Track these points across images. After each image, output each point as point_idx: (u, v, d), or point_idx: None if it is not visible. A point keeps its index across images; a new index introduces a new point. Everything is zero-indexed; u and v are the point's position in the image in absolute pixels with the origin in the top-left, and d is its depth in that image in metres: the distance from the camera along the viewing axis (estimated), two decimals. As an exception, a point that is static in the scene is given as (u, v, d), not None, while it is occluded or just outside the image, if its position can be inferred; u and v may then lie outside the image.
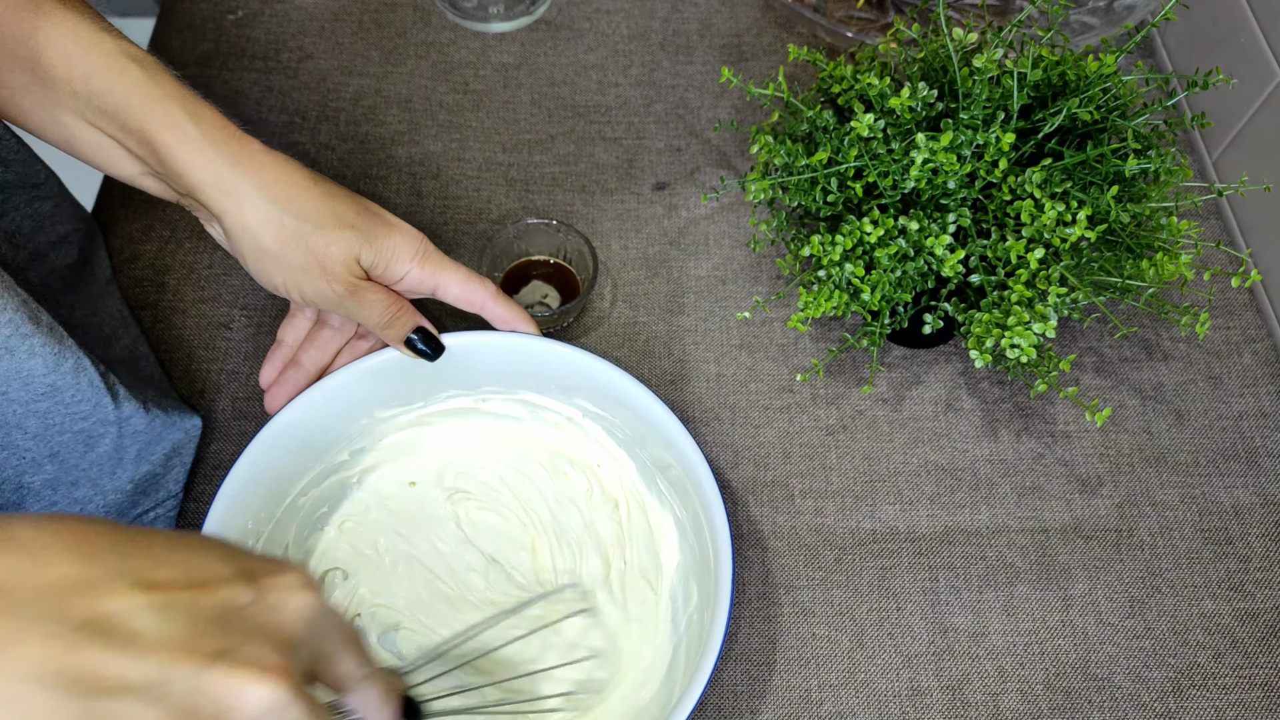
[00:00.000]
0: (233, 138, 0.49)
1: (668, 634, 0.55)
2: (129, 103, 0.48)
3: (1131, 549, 0.59)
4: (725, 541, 0.50)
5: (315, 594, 0.33)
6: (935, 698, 0.55)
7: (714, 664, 0.47)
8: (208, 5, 0.80)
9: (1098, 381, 0.64)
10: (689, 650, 0.52)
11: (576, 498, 0.59)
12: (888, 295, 0.55)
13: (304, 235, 0.50)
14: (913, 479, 0.61)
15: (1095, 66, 0.54)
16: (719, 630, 0.48)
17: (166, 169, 0.49)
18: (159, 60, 0.50)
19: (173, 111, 0.48)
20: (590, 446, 0.60)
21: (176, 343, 0.65)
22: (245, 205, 0.49)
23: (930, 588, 0.58)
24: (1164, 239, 0.54)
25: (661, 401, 0.54)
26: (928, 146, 0.52)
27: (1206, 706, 0.55)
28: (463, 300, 0.55)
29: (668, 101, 0.76)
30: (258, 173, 0.49)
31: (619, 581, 0.57)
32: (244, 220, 0.49)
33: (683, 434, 0.53)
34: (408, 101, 0.76)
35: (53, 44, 0.48)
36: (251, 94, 0.76)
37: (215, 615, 0.30)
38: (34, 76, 0.48)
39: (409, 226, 0.54)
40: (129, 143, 0.49)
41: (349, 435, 0.57)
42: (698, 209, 0.71)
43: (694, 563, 0.54)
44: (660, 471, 0.57)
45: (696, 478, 0.52)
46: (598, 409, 0.57)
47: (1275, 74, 0.64)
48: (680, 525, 0.56)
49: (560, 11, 0.80)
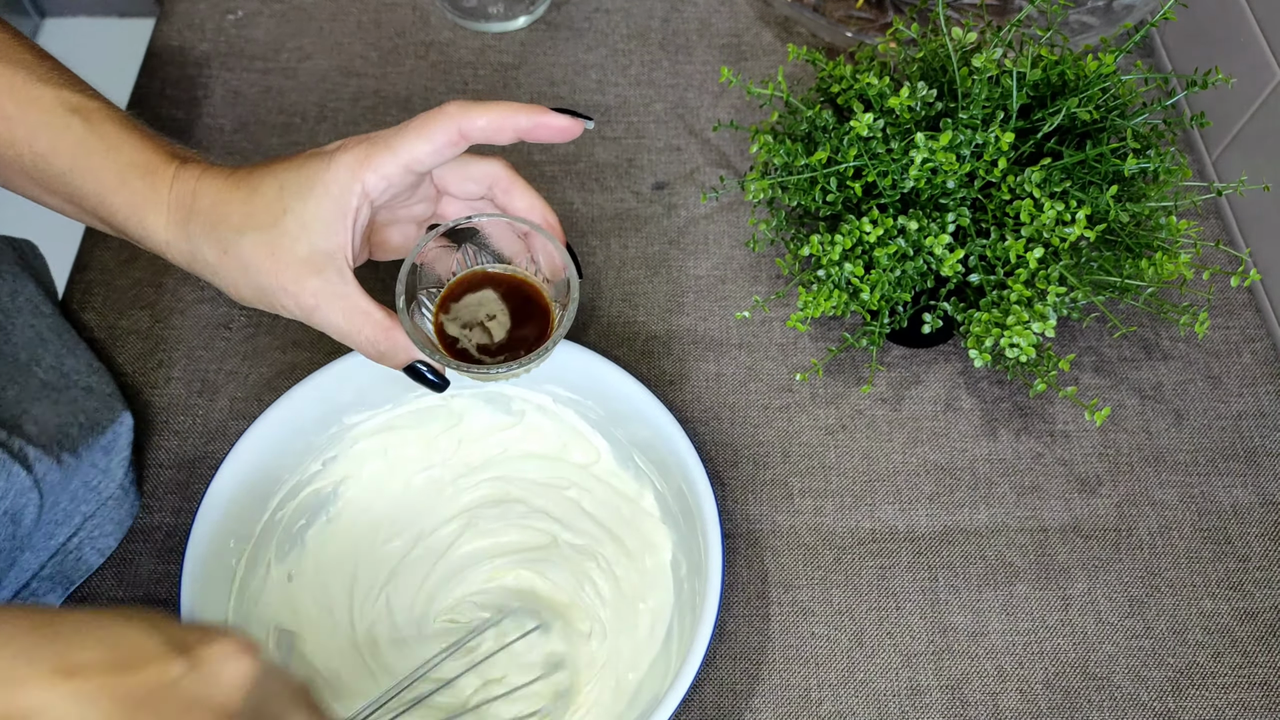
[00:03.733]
0: (185, 170, 0.45)
1: (667, 603, 0.55)
2: (75, 164, 0.45)
3: (1130, 548, 0.59)
4: (711, 512, 0.51)
5: (252, 658, 0.32)
6: (934, 697, 0.55)
7: (710, 633, 0.48)
8: (208, 5, 0.80)
9: (1097, 381, 0.64)
10: (682, 623, 0.52)
11: (554, 484, 0.59)
12: (887, 295, 0.55)
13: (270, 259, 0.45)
14: (912, 478, 0.61)
15: (1094, 66, 0.54)
16: (712, 598, 0.49)
17: (129, 236, 0.46)
18: (101, 96, 0.46)
19: (120, 166, 0.45)
20: (563, 432, 0.60)
21: (176, 342, 0.65)
22: (212, 268, 0.46)
23: (929, 587, 0.58)
24: (1163, 238, 0.54)
25: (634, 378, 0.54)
26: (927, 146, 0.52)
27: (1206, 706, 0.55)
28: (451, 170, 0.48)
29: (667, 101, 0.76)
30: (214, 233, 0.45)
31: (605, 562, 0.57)
32: (225, 280, 0.46)
33: (658, 407, 0.54)
34: (407, 101, 0.76)
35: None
36: (251, 94, 0.76)
37: (145, 695, 0.29)
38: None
39: (335, 151, 0.45)
40: (84, 214, 0.46)
41: (319, 445, 0.57)
42: (697, 208, 0.71)
43: (680, 538, 0.55)
44: (639, 450, 0.57)
45: (677, 451, 0.53)
46: (569, 393, 0.57)
47: (1275, 74, 0.64)
48: (661, 498, 0.57)
49: (559, 11, 0.80)
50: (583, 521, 0.58)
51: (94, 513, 0.56)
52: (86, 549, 0.56)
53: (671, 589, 0.55)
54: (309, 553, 0.57)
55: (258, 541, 0.55)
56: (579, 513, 0.59)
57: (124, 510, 0.58)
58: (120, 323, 0.66)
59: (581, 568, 0.57)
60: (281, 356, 0.65)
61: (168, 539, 0.59)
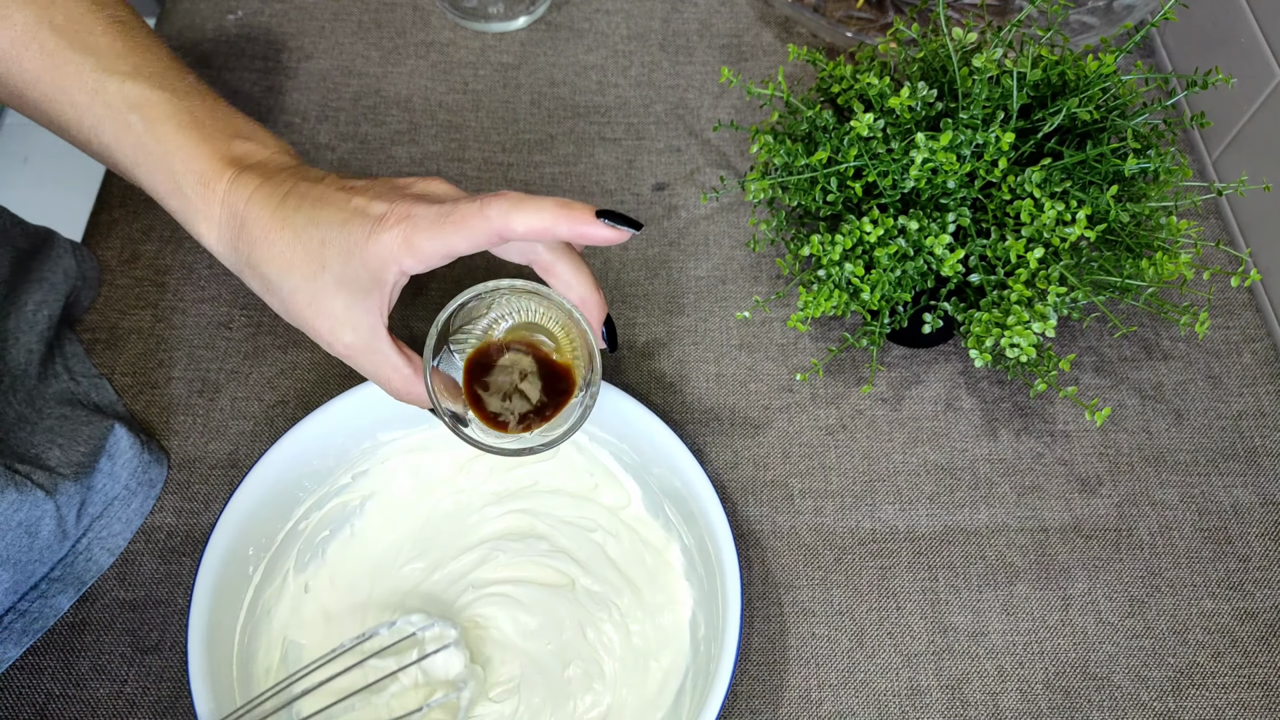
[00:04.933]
0: (237, 185, 0.46)
1: (681, 664, 0.54)
2: (136, 161, 0.46)
3: (1131, 548, 0.59)
4: (733, 576, 0.50)
5: None
6: (935, 697, 0.55)
7: (723, 699, 0.47)
8: (208, 5, 0.80)
9: (1097, 381, 0.64)
10: (695, 685, 0.51)
11: (580, 525, 0.58)
12: (887, 295, 0.55)
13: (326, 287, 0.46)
14: (912, 478, 0.61)
15: (1095, 66, 0.54)
16: (727, 663, 0.48)
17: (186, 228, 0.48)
18: (171, 83, 0.47)
19: (174, 171, 0.46)
20: (596, 471, 0.59)
21: (176, 343, 0.65)
22: (257, 291, 0.47)
23: (930, 587, 0.58)
24: (1163, 238, 0.54)
25: (668, 427, 0.54)
26: (927, 146, 0.52)
27: (1206, 706, 0.55)
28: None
29: (667, 102, 0.76)
30: (259, 267, 0.46)
31: (619, 613, 0.56)
32: (268, 302, 0.47)
33: (689, 459, 0.53)
34: (408, 101, 0.76)
35: (64, 94, 0.46)
36: (251, 94, 0.76)
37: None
38: (56, 124, 0.47)
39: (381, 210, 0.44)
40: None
41: (351, 458, 0.57)
42: (697, 209, 0.71)
43: (702, 597, 0.54)
44: (669, 499, 0.56)
45: (705, 510, 0.52)
46: (605, 434, 0.57)
47: (1275, 74, 0.64)
48: (688, 553, 0.56)
49: (560, 11, 0.80)
50: (604, 568, 0.57)
51: (100, 514, 0.57)
52: (96, 549, 0.57)
53: (688, 649, 0.54)
54: (328, 565, 0.57)
55: (278, 550, 0.55)
56: (602, 558, 0.57)
57: (131, 509, 0.58)
58: (121, 322, 0.66)
59: (593, 616, 0.56)
60: (282, 356, 0.65)
61: (169, 539, 0.59)
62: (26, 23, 0.45)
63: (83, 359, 0.63)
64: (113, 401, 0.62)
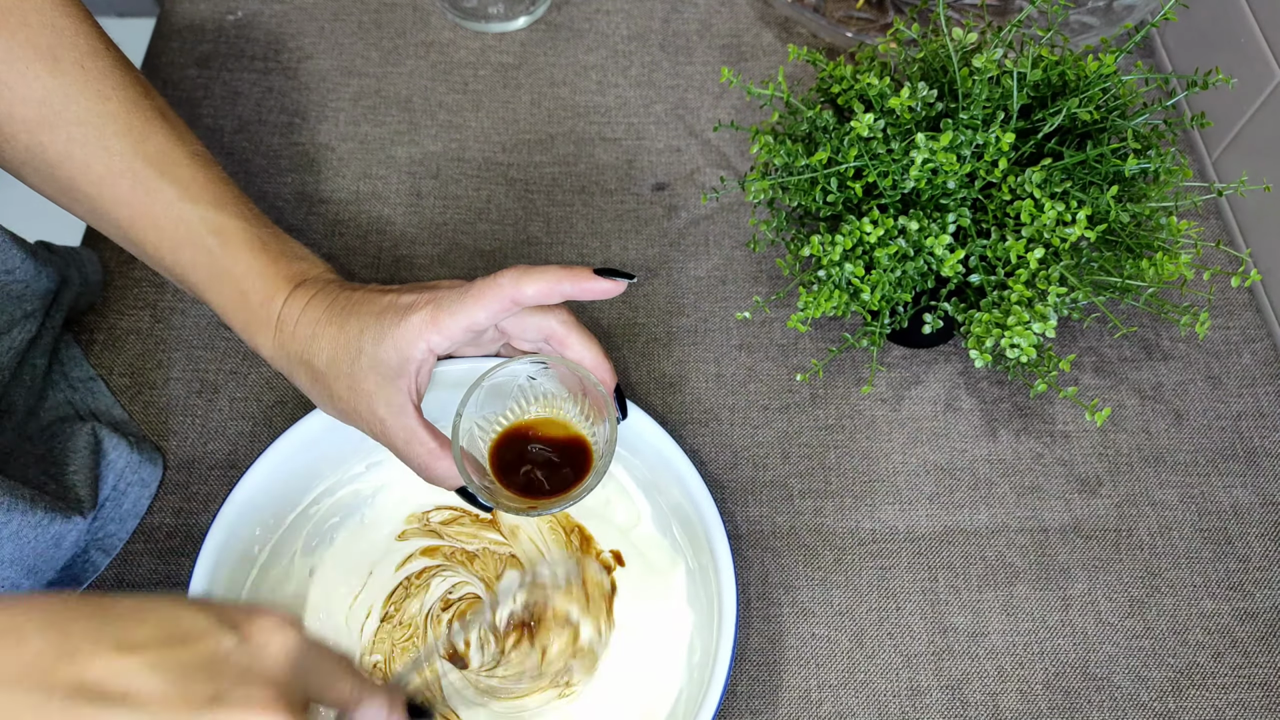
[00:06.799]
0: (294, 296, 0.52)
1: (673, 690, 0.54)
2: (209, 278, 0.52)
3: (1131, 549, 0.59)
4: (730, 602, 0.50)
5: (297, 631, 0.35)
6: (934, 697, 0.55)
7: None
8: (208, 5, 0.80)
9: (1097, 381, 0.64)
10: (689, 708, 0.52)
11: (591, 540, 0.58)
12: (887, 295, 0.55)
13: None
14: (912, 479, 0.61)
15: (1095, 66, 0.54)
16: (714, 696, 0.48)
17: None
18: (242, 211, 0.53)
19: (244, 290, 0.52)
20: (609, 486, 0.59)
21: (176, 343, 0.65)
22: (305, 386, 0.53)
23: (929, 588, 0.58)
24: (1164, 239, 0.54)
25: (676, 443, 0.55)
26: (927, 146, 0.52)
27: (1206, 706, 0.55)
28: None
29: (667, 102, 0.76)
30: (308, 360, 0.51)
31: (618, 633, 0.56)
32: (314, 397, 0.53)
33: (696, 478, 0.54)
34: (407, 101, 0.76)
35: (149, 217, 0.51)
36: (251, 94, 0.76)
37: (201, 664, 0.31)
38: (134, 243, 0.53)
39: (411, 302, 0.51)
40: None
41: (367, 447, 0.57)
42: (697, 209, 0.71)
43: (700, 623, 0.54)
44: (677, 520, 0.56)
45: (709, 533, 0.52)
46: (620, 448, 0.56)
47: (1275, 74, 0.64)
48: (691, 575, 0.55)
49: (560, 12, 0.80)
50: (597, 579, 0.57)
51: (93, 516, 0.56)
52: (92, 550, 0.57)
53: (683, 673, 0.54)
54: (334, 551, 0.57)
55: (286, 532, 0.55)
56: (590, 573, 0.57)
57: (124, 509, 0.58)
58: (120, 323, 0.66)
59: None
60: (282, 357, 0.65)
61: (169, 539, 0.59)
62: (123, 152, 0.51)
63: (80, 362, 0.63)
64: (109, 405, 0.62)
